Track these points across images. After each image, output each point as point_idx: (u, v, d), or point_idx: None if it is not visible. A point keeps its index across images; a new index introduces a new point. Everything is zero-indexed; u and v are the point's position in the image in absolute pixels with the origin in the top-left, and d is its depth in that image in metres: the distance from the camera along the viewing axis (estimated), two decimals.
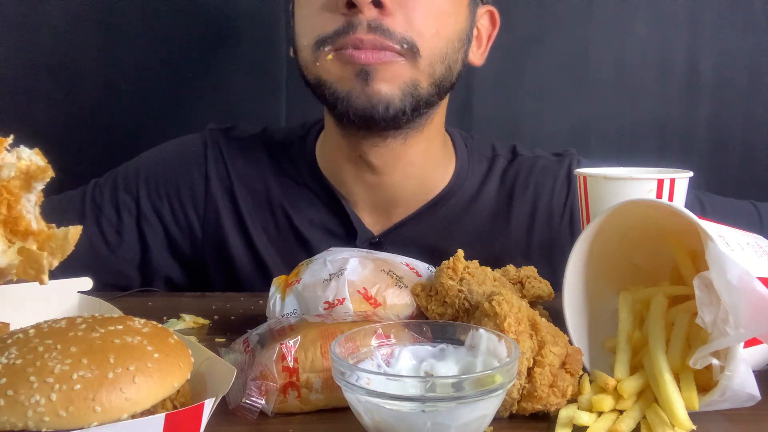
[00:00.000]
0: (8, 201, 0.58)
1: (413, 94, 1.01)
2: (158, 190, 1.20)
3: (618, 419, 0.64)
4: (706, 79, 1.53)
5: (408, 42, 0.97)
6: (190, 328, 0.95)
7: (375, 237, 1.16)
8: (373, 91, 0.98)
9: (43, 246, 0.59)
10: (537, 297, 0.86)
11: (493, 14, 1.15)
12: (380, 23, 0.96)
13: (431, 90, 1.03)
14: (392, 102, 0.99)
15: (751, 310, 0.59)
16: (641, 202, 0.75)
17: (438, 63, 1.02)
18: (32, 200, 0.60)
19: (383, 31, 0.96)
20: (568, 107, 1.55)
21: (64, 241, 0.59)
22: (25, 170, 0.58)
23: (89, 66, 1.53)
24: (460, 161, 1.19)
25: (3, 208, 0.58)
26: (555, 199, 1.19)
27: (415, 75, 1.00)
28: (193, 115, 1.53)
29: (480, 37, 1.14)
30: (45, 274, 0.59)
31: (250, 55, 1.53)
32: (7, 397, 0.50)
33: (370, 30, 0.96)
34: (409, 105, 1.01)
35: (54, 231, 0.60)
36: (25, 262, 0.58)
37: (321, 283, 0.81)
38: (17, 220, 0.59)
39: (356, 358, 0.64)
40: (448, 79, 1.06)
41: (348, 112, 1.00)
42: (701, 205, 1.17)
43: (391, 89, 0.99)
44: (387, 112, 0.99)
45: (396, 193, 1.15)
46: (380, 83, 0.98)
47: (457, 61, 1.06)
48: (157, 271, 1.21)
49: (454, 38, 1.04)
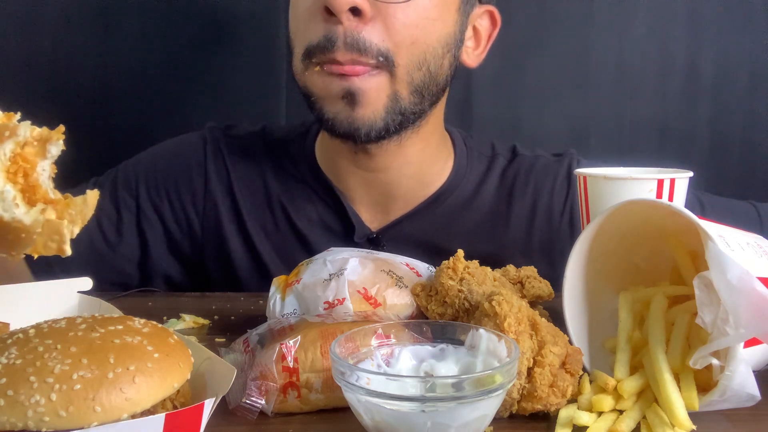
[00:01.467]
0: (24, 169, 0.58)
1: (395, 109, 1.02)
2: (158, 188, 1.20)
3: (618, 419, 0.64)
4: (706, 78, 1.53)
5: (383, 54, 0.98)
6: (190, 328, 0.95)
7: (373, 233, 1.16)
8: (358, 115, 1.01)
9: (62, 215, 0.59)
10: (537, 297, 0.86)
11: (493, 14, 1.14)
12: (357, 38, 0.97)
13: (413, 99, 1.04)
14: (375, 124, 1.02)
15: (751, 310, 0.59)
16: (641, 202, 0.75)
17: (415, 70, 1.02)
18: (47, 170, 0.60)
19: (359, 48, 0.97)
20: (568, 107, 1.55)
21: (84, 206, 0.60)
22: (38, 136, 0.59)
23: (89, 66, 1.53)
24: (458, 159, 1.19)
25: (20, 177, 0.58)
26: (555, 199, 1.19)
27: (394, 86, 1.01)
28: (193, 115, 1.53)
29: (479, 37, 1.14)
30: (67, 243, 0.59)
31: (250, 55, 1.53)
32: (7, 397, 0.50)
33: (347, 48, 0.97)
34: (393, 121, 1.03)
35: (72, 198, 0.60)
36: (45, 234, 0.58)
37: (321, 283, 0.81)
38: (34, 189, 0.59)
39: (356, 358, 0.64)
40: (432, 84, 1.05)
41: (332, 133, 1.04)
42: (701, 205, 1.17)
43: (375, 112, 1.01)
44: (370, 135, 1.02)
45: (393, 190, 1.15)
46: (365, 108, 1.00)
47: (441, 66, 1.05)
48: (156, 269, 1.22)
49: (436, 44, 1.03)
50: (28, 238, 0.57)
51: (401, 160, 1.12)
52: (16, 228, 0.56)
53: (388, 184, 1.14)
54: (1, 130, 0.57)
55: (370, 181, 1.14)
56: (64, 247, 0.59)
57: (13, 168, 0.58)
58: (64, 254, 0.59)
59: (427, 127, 1.12)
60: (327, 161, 1.17)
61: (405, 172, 1.14)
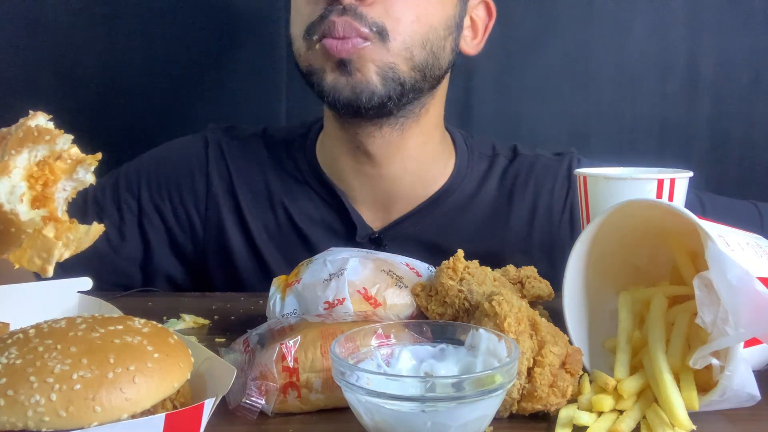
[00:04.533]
0: (47, 179, 0.59)
1: (393, 79, 1.02)
2: (160, 189, 1.21)
3: (618, 419, 0.64)
4: (706, 79, 1.53)
5: (377, 25, 0.99)
6: (190, 328, 0.95)
7: (375, 233, 1.16)
8: (356, 80, 1.01)
9: (60, 236, 0.59)
10: (537, 297, 0.86)
11: (489, 5, 1.16)
12: (353, 8, 0.99)
13: (414, 75, 1.04)
14: (376, 90, 1.02)
15: (751, 310, 0.59)
16: (641, 202, 0.75)
17: (417, 47, 1.03)
18: (67, 191, 0.61)
19: (355, 14, 0.99)
20: (568, 107, 1.54)
21: (84, 236, 0.60)
22: (74, 155, 0.60)
23: (89, 66, 1.53)
24: (459, 159, 1.19)
25: (39, 184, 0.59)
26: (555, 198, 1.19)
27: (387, 58, 1.01)
28: (193, 116, 1.53)
29: (476, 27, 1.15)
30: (51, 265, 0.59)
31: (251, 55, 1.53)
32: (7, 397, 0.50)
33: (343, 13, 0.98)
34: (394, 91, 1.03)
35: (77, 225, 0.61)
36: (36, 248, 0.58)
37: (321, 283, 0.81)
38: (47, 201, 0.59)
39: (356, 358, 0.64)
40: (435, 65, 1.06)
41: (336, 103, 1.03)
42: (701, 205, 1.17)
43: (370, 77, 1.01)
44: (372, 100, 1.02)
45: (395, 187, 1.15)
46: (361, 74, 1.01)
47: (444, 48, 1.07)
48: (158, 269, 1.22)
49: (438, 25, 1.05)
50: (16, 237, 0.58)
51: (403, 153, 1.13)
52: (9, 221, 0.57)
53: (390, 180, 1.15)
54: (43, 134, 0.58)
55: (372, 176, 1.14)
56: (47, 267, 0.59)
57: (37, 173, 0.58)
58: (45, 274, 0.60)
59: (428, 119, 1.13)
60: (328, 161, 1.18)
61: (407, 167, 1.14)
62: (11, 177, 0.56)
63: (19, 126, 0.59)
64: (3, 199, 0.56)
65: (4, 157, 0.56)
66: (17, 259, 0.60)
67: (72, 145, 0.60)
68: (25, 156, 0.58)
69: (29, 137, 0.58)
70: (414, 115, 1.10)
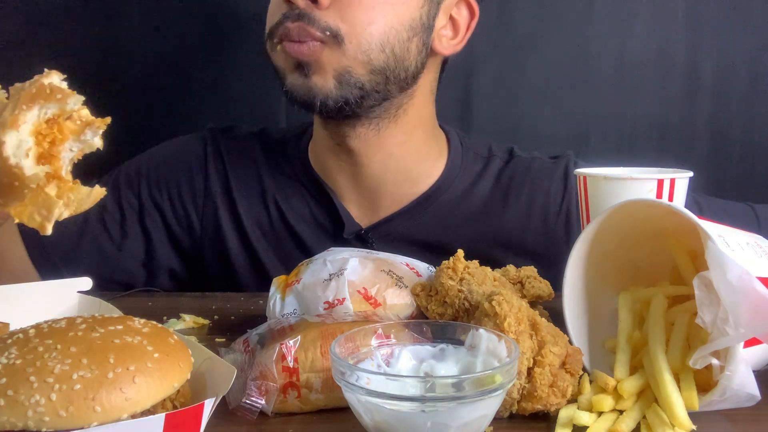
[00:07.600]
0: (55, 137, 0.59)
1: (350, 83, 1.03)
2: (159, 185, 1.23)
3: (618, 419, 0.64)
4: (706, 78, 1.53)
5: (331, 30, 1.00)
6: (190, 328, 0.95)
7: (362, 230, 1.17)
8: (312, 83, 1.02)
9: (62, 195, 0.60)
10: (537, 297, 0.86)
11: (470, 4, 1.13)
12: (307, 12, 1.00)
13: (375, 78, 1.04)
14: (330, 94, 1.02)
15: (751, 310, 0.59)
16: (641, 202, 0.75)
17: (375, 51, 1.02)
18: (74, 152, 0.61)
19: (309, 19, 1.00)
20: (568, 107, 1.54)
21: (86, 197, 0.61)
22: (84, 116, 0.60)
23: (89, 66, 1.53)
24: (452, 158, 1.19)
25: (46, 142, 0.59)
26: (551, 200, 1.18)
27: (344, 62, 1.02)
28: (193, 116, 1.54)
29: (457, 26, 1.13)
30: (50, 222, 0.59)
31: (250, 56, 1.53)
32: (7, 397, 0.50)
33: (296, 18, 1.00)
34: (352, 94, 1.03)
35: (79, 186, 0.61)
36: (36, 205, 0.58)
37: (321, 283, 0.81)
38: (53, 159, 0.59)
39: (356, 358, 0.64)
40: (399, 68, 1.06)
41: (294, 103, 1.06)
42: (699, 207, 1.16)
43: (326, 81, 1.02)
44: (326, 103, 1.03)
45: (379, 185, 1.16)
46: (316, 77, 1.02)
47: (408, 50, 1.06)
48: (161, 264, 1.24)
49: (399, 27, 1.04)
50: (19, 191, 0.58)
51: (383, 153, 1.13)
52: (14, 174, 0.57)
53: (372, 178, 1.15)
54: (55, 92, 0.58)
55: (354, 174, 1.15)
56: (46, 225, 0.59)
57: (45, 130, 0.58)
58: (44, 231, 0.60)
59: (407, 119, 1.13)
60: (317, 158, 1.19)
61: (388, 166, 1.14)
62: (19, 131, 0.57)
63: (32, 82, 0.59)
64: (9, 152, 0.56)
65: (14, 111, 0.56)
66: (18, 214, 0.60)
67: (83, 106, 0.60)
68: (36, 112, 0.58)
69: (41, 94, 0.58)
70: (390, 115, 1.11)
